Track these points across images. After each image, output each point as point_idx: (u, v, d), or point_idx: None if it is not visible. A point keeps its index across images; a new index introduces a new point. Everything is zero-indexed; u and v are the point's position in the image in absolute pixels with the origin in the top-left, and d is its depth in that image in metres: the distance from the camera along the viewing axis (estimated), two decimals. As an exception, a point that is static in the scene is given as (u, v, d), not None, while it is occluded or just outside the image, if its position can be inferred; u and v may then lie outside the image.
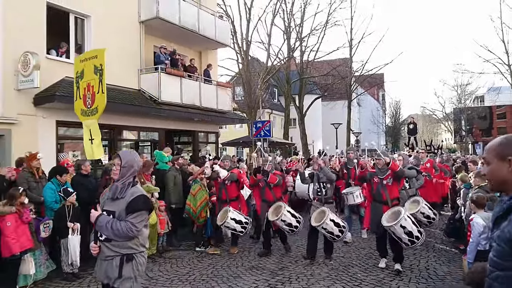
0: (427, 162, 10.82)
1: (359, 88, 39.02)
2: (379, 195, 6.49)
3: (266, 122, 15.28)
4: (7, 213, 5.56)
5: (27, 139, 9.60)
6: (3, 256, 5.60)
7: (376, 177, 6.58)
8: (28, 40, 9.84)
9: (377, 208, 6.48)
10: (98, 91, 5.35)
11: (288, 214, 7.09)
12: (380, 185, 6.50)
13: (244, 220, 7.43)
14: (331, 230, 6.61)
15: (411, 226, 6.07)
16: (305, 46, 29.89)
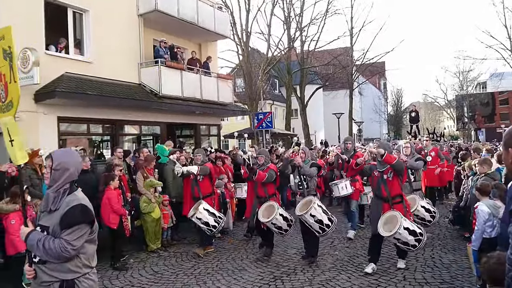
0: (432, 151, 10.54)
1: (361, 77, 38.86)
2: (379, 190, 5.91)
3: (268, 113, 15.21)
4: (11, 211, 5.56)
5: (29, 136, 9.54)
6: (9, 254, 5.62)
7: (376, 171, 5.96)
8: (27, 36, 9.75)
9: (378, 205, 5.95)
10: (10, 80, 4.41)
11: (280, 218, 6.46)
12: (380, 179, 5.89)
13: (217, 214, 7.00)
14: (320, 218, 6.13)
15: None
16: (305, 36, 29.72)
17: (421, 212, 6.85)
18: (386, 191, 5.82)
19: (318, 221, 6.10)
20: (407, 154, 7.62)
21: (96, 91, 10.76)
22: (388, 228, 5.59)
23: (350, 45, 33.92)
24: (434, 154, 10.48)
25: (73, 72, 10.83)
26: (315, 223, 6.12)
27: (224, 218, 7.13)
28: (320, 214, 6.13)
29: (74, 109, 10.85)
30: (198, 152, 7.74)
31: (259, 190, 6.87)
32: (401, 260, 6.06)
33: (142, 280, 5.97)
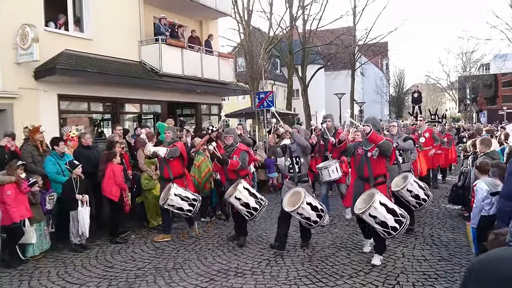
0: (426, 132, 10.01)
1: (363, 57, 38.46)
2: (361, 169, 5.42)
3: (269, 92, 15.11)
4: (6, 182, 5.63)
5: (29, 113, 9.53)
6: (2, 224, 5.69)
7: (361, 148, 5.48)
8: (26, 13, 9.63)
9: (359, 187, 5.45)
10: None
11: (245, 192, 6.03)
12: (364, 157, 5.38)
13: (191, 197, 6.48)
14: (307, 215, 5.58)
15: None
16: (307, 15, 29.24)
17: (414, 188, 6.19)
18: (368, 171, 5.31)
19: (305, 218, 5.67)
20: (393, 134, 6.85)
21: (96, 69, 10.68)
22: (364, 205, 5.10)
23: (353, 25, 33.46)
24: (428, 135, 9.95)
25: (72, 49, 10.71)
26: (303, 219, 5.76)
27: (199, 200, 6.61)
28: (309, 213, 5.58)
29: (74, 86, 10.79)
30: (169, 130, 7.09)
31: (229, 172, 6.45)
32: (377, 256, 5.36)
33: (144, 255, 6.04)
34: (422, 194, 6.21)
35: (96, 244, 6.62)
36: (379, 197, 4.97)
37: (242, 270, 5.27)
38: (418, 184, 6.26)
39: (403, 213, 5.09)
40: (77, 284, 4.99)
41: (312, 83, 31.14)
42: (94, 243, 6.64)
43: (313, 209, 5.57)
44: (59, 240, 6.61)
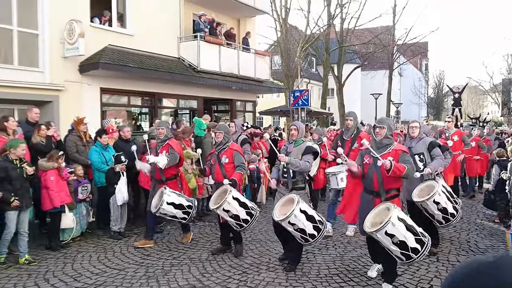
0: (454, 134, 8.93)
1: (401, 57, 37.58)
2: (370, 182, 4.51)
3: (305, 91, 15.10)
4: (50, 168, 5.96)
5: (73, 105, 9.98)
6: (45, 209, 6.10)
7: (368, 156, 4.59)
8: (73, 9, 10.07)
9: (367, 203, 4.53)
10: None
11: (234, 202, 5.24)
12: (373, 167, 4.48)
13: (186, 203, 5.92)
14: (302, 226, 4.68)
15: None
16: (346, 13, 28.89)
17: (443, 199, 5.25)
18: (379, 183, 4.40)
19: (300, 230, 4.72)
20: (413, 137, 5.74)
21: (136, 64, 11.03)
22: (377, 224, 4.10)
23: (392, 24, 32.76)
24: (457, 138, 8.84)
25: (115, 44, 11.10)
26: (296, 232, 4.78)
27: (195, 206, 6.10)
28: (303, 223, 4.70)
29: (116, 80, 11.18)
30: (161, 125, 6.30)
31: (217, 174, 5.76)
32: (386, 285, 4.47)
33: (179, 245, 6.23)
34: (451, 208, 5.28)
35: (133, 233, 6.89)
36: (396, 212, 4.03)
37: (274, 265, 5.34)
38: (446, 195, 5.34)
39: (424, 234, 4.18)
40: (116, 269, 5.23)
41: (348, 83, 30.74)
42: (131, 231, 6.91)
43: (308, 218, 4.72)
44: (100, 228, 6.94)
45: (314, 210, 5.02)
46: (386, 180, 4.38)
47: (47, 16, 9.71)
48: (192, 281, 4.84)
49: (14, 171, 5.34)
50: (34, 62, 9.72)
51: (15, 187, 5.31)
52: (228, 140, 5.83)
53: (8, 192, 5.22)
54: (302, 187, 5.21)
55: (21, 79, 9.23)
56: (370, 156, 4.55)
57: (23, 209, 5.43)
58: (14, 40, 9.35)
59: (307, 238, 4.78)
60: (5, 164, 5.31)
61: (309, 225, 4.72)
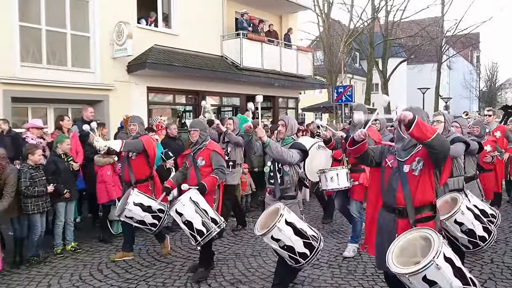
0: (497, 130, 7.78)
1: (451, 50, 36.03)
2: (392, 194, 3.19)
3: (348, 87, 14.87)
4: (106, 164, 6.34)
5: (122, 104, 10.40)
6: (101, 202, 6.45)
7: (391, 157, 3.28)
8: (121, 11, 10.48)
9: (387, 224, 3.23)
10: None
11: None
12: (396, 173, 3.20)
13: (156, 206, 5.09)
14: (289, 243, 3.73)
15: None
16: (391, 6, 28.09)
17: (467, 218, 4.06)
18: (405, 196, 3.09)
19: (287, 248, 3.76)
20: None
21: (181, 63, 11.31)
22: (407, 260, 2.81)
23: (441, 15, 31.48)
24: (500, 134, 7.69)
25: (161, 44, 11.44)
26: (283, 250, 3.79)
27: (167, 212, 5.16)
28: (291, 239, 3.74)
29: (161, 79, 11.52)
30: (133, 121, 5.56)
31: (191, 180, 4.88)
32: None
33: (224, 240, 6.34)
34: (480, 230, 4.06)
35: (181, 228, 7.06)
36: (438, 244, 2.68)
37: (319, 262, 5.31)
38: (474, 213, 4.13)
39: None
40: (165, 262, 5.40)
41: (394, 77, 29.91)
42: (179, 226, 7.07)
43: (297, 233, 3.76)
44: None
45: (306, 223, 3.97)
46: (416, 192, 3.07)
47: (97, 19, 10.16)
48: (238, 275, 4.91)
49: (62, 164, 5.73)
50: (86, 64, 10.21)
51: (64, 179, 5.69)
52: (205, 138, 4.95)
53: (59, 184, 5.58)
54: (293, 196, 4.31)
55: (74, 80, 9.73)
56: (394, 157, 3.24)
57: (71, 200, 5.83)
58: (67, 43, 9.87)
59: (297, 259, 3.77)
60: (54, 158, 5.73)
61: (298, 242, 3.74)
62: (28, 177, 5.25)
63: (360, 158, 3.40)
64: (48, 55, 9.58)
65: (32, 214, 5.29)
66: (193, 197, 4.48)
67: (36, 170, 5.37)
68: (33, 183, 5.26)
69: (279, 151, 4.07)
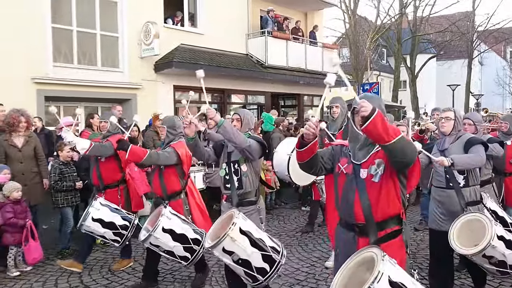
0: None
1: (482, 45, 34.93)
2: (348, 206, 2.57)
3: (375, 84, 14.69)
4: None
5: (149, 102, 10.64)
6: None
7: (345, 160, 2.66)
8: (148, 11, 10.70)
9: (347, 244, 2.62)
10: None
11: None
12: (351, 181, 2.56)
13: (119, 222, 4.50)
14: (245, 256, 3.10)
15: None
16: (419, 1, 27.46)
17: (499, 250, 3.30)
18: (364, 209, 2.48)
19: (242, 262, 3.12)
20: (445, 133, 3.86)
21: (207, 62, 11.45)
22: None
23: (472, 9, 30.53)
24: None
25: (187, 43, 11.62)
26: (237, 265, 3.15)
27: (133, 225, 4.60)
28: (246, 252, 3.10)
29: (187, 78, 11.65)
30: (104, 117, 5.08)
31: (155, 187, 4.39)
32: None
33: (248, 237, 6.41)
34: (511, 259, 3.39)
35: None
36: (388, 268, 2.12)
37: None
38: (505, 239, 3.35)
39: None
40: (190, 257, 5.52)
41: (422, 74, 29.28)
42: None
43: (254, 244, 3.12)
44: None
45: (266, 234, 3.33)
46: (376, 202, 2.44)
47: (125, 20, 10.42)
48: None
49: None
50: (115, 63, 10.50)
51: None
52: (172, 138, 4.37)
53: None
54: (253, 201, 3.66)
55: (103, 79, 10.02)
56: (348, 160, 2.59)
57: None
58: (97, 43, 10.17)
59: (255, 275, 3.13)
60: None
61: (255, 255, 3.11)
62: (58, 172, 5.50)
63: (307, 166, 2.62)
64: (79, 55, 9.90)
65: (63, 207, 5.52)
66: (166, 225, 3.86)
67: (66, 166, 5.60)
68: (63, 178, 5.50)
69: (234, 131, 3.49)
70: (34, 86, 8.94)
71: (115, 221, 4.50)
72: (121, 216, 4.57)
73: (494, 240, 3.17)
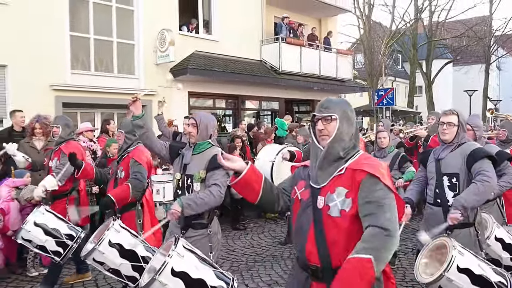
0: None
1: (500, 50, 34.40)
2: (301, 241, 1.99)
3: (390, 89, 14.58)
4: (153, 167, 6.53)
5: (164, 109, 10.66)
6: None
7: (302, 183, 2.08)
8: (164, 19, 10.86)
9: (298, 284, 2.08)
10: None
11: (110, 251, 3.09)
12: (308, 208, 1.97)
13: (65, 231, 3.83)
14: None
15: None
16: (435, 6, 27.27)
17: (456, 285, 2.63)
18: (319, 250, 1.90)
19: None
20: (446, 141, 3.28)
21: (221, 68, 11.54)
22: None
23: (489, 13, 30.17)
24: None
25: (201, 50, 11.73)
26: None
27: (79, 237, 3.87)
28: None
29: (202, 84, 11.81)
30: (56, 122, 4.61)
31: (109, 192, 3.76)
32: None
33: (262, 243, 6.41)
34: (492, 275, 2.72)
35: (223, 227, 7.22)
36: None
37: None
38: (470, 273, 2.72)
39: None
40: (203, 262, 5.54)
41: (438, 79, 29.00)
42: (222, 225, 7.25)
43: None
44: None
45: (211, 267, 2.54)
46: (341, 243, 1.86)
47: (141, 27, 10.59)
48: (275, 277, 4.96)
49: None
50: (131, 70, 10.66)
51: None
52: (130, 144, 3.86)
53: None
54: (203, 224, 3.09)
55: (120, 86, 10.19)
56: (306, 183, 2.04)
57: None
58: (114, 50, 10.35)
59: None
60: (102, 160, 6.00)
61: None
62: None
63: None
64: (96, 62, 10.08)
65: None
66: (114, 239, 3.19)
67: None
68: None
69: (195, 205, 2.90)
70: (52, 92, 9.12)
71: (60, 229, 3.81)
72: (67, 225, 3.93)
73: (450, 271, 2.53)
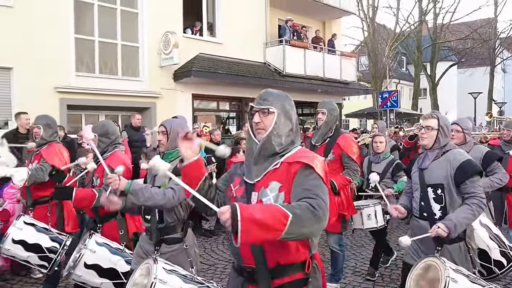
0: None
1: (505, 52, 34.25)
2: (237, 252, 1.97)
3: (394, 92, 14.54)
4: None
5: (168, 111, 10.72)
6: None
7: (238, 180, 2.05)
8: (168, 21, 10.89)
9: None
10: None
11: None
12: None
13: (47, 244, 3.62)
14: None
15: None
16: (439, 8, 27.19)
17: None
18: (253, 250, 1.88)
19: None
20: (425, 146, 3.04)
21: (225, 71, 11.57)
22: None
23: (494, 16, 30.05)
24: None
25: (205, 52, 11.76)
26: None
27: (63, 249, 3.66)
28: None
29: (206, 87, 11.83)
30: (37, 123, 4.21)
31: None
32: None
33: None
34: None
35: (222, 231, 7.21)
36: None
37: (360, 269, 5.24)
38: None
39: None
40: (207, 264, 5.54)
41: (443, 82, 28.88)
42: (220, 230, 7.24)
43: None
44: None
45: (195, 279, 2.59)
46: (276, 244, 1.79)
47: (146, 30, 10.62)
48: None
49: None
50: (135, 72, 10.70)
51: None
52: (104, 148, 3.53)
53: None
54: (178, 239, 2.86)
55: (124, 88, 10.22)
56: (241, 180, 2.01)
57: None
58: (118, 53, 10.39)
59: None
60: None
61: None
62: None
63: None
64: (100, 65, 10.13)
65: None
66: (89, 260, 3.11)
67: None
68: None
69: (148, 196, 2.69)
70: (57, 95, 9.17)
71: (41, 243, 3.60)
72: (49, 237, 3.67)
73: None
